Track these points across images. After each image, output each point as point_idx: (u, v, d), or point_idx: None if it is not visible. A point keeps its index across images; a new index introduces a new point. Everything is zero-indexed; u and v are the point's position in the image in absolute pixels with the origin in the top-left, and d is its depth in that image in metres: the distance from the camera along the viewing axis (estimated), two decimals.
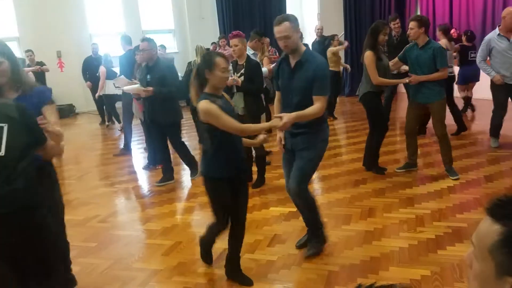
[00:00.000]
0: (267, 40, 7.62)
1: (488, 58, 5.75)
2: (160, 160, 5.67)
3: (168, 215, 4.52)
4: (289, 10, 12.63)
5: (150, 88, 5.07)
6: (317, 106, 3.09)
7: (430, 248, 3.43)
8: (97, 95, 8.81)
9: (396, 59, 5.22)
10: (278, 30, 3.09)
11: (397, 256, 3.34)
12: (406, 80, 5.02)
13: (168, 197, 5.02)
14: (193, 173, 5.58)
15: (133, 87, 5.58)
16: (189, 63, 7.40)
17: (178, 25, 12.52)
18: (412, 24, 4.77)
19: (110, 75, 8.09)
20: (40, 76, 8.85)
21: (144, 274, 3.34)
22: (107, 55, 8.60)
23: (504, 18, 5.52)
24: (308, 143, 3.24)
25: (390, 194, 4.65)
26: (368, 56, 4.87)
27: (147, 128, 5.96)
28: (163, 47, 10.36)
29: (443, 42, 6.48)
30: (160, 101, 5.11)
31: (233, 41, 4.92)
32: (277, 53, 8.19)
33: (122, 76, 6.18)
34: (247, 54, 5.15)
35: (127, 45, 6.89)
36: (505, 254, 0.92)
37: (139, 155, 7.08)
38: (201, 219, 4.40)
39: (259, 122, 5.16)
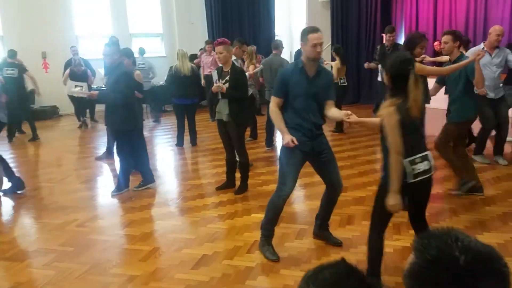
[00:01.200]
0: (254, 48, 7.66)
1: None
2: (134, 165, 5.55)
3: (148, 220, 4.49)
4: (277, 17, 12.71)
5: (95, 92, 5.13)
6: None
7: (405, 256, 3.45)
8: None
9: (435, 84, 4.99)
10: (318, 36, 3.36)
11: (382, 262, 3.36)
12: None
13: (149, 202, 4.99)
14: (116, 190, 5.24)
15: (77, 90, 5.66)
16: (171, 67, 7.40)
17: (166, 29, 12.49)
18: (446, 38, 4.60)
19: (83, 77, 8.39)
20: (18, 79, 8.52)
21: (121, 279, 3.31)
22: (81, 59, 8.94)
23: (490, 34, 5.63)
24: (327, 144, 3.63)
25: (370, 203, 4.60)
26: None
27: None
28: (142, 51, 10.30)
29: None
30: (112, 107, 5.04)
31: (218, 49, 4.94)
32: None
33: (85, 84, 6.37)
34: (232, 61, 5.17)
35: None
36: (408, 285, 0.94)
37: None
38: (181, 224, 4.39)
39: (244, 129, 5.18)
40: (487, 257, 0.89)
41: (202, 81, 9.36)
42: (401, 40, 11.56)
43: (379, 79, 8.03)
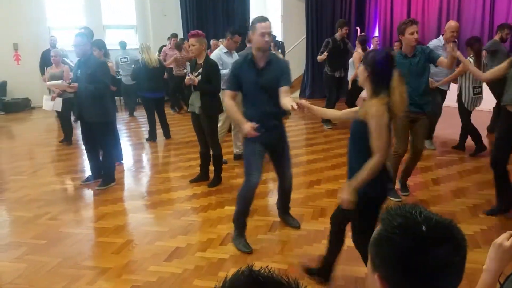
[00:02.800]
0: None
1: None
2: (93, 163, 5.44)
3: (121, 213, 4.48)
4: (252, 10, 12.70)
5: (75, 84, 4.96)
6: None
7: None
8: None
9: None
10: (266, 25, 3.35)
11: (345, 255, 3.42)
12: None
13: (122, 195, 4.98)
14: (103, 183, 5.18)
15: (57, 82, 5.49)
16: (137, 61, 7.33)
17: (140, 21, 12.36)
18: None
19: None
20: None
21: (93, 272, 3.31)
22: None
23: (446, 31, 5.75)
24: (285, 137, 3.74)
25: None
26: None
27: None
28: (123, 44, 10.09)
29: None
30: (88, 99, 4.92)
31: (191, 41, 4.92)
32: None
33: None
34: (206, 54, 5.13)
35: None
36: (373, 252, 1.03)
37: None
38: (155, 217, 4.39)
39: (216, 122, 5.19)
40: (446, 226, 1.00)
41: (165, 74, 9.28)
42: (376, 33, 11.75)
43: (337, 75, 8.05)
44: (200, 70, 4.90)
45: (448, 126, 7.14)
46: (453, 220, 1.04)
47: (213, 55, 5.72)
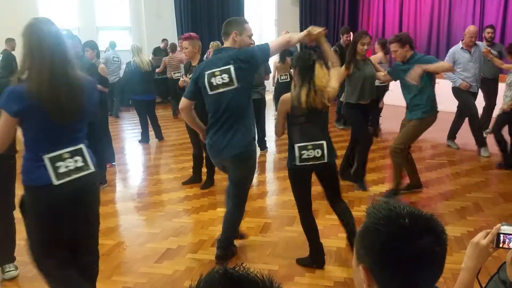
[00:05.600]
0: (218, 43, 7.63)
1: None
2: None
3: (112, 215, 4.48)
4: (246, 13, 12.75)
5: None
6: None
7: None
8: None
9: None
10: (250, 28, 3.38)
11: (334, 255, 3.48)
12: None
13: (114, 197, 4.98)
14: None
15: None
16: (128, 63, 7.31)
17: (134, 22, 12.34)
18: (394, 47, 4.46)
19: None
20: None
21: None
22: None
23: (465, 35, 6.13)
24: None
25: None
26: None
27: None
28: (112, 44, 10.11)
29: (379, 55, 6.76)
30: None
31: (184, 44, 4.91)
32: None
33: None
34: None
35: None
36: (358, 244, 1.10)
37: None
38: (146, 219, 4.40)
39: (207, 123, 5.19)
40: (427, 219, 1.06)
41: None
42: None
43: None
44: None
45: (437, 130, 7.18)
46: (434, 214, 1.09)
47: None
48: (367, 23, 12.12)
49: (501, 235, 1.42)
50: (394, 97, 7.11)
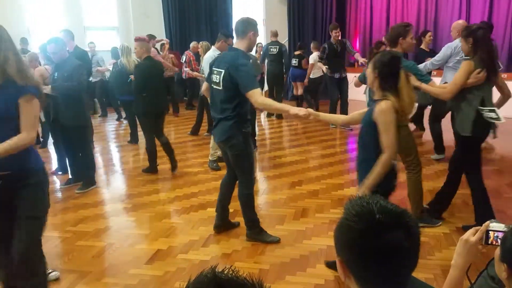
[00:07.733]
0: (207, 44, 7.63)
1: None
2: (70, 166, 5.45)
3: (102, 216, 4.44)
4: (234, 12, 12.73)
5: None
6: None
7: None
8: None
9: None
10: None
11: (325, 254, 3.48)
12: None
13: (103, 198, 4.94)
14: (84, 186, 5.16)
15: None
16: (115, 63, 7.26)
17: (122, 22, 12.25)
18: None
19: None
20: None
21: (73, 276, 3.27)
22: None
23: (452, 30, 5.86)
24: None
25: (323, 196, 4.82)
26: None
27: (52, 130, 5.78)
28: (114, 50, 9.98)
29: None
30: (63, 101, 4.89)
31: (134, 44, 5.33)
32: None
33: None
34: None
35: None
36: (335, 239, 1.14)
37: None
38: (136, 220, 4.37)
39: (150, 119, 5.66)
40: (399, 214, 1.07)
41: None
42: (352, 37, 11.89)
43: (337, 76, 8.26)
44: None
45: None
46: (407, 209, 1.11)
47: (207, 57, 5.87)
48: (355, 21, 12.17)
49: (490, 232, 1.43)
50: None
